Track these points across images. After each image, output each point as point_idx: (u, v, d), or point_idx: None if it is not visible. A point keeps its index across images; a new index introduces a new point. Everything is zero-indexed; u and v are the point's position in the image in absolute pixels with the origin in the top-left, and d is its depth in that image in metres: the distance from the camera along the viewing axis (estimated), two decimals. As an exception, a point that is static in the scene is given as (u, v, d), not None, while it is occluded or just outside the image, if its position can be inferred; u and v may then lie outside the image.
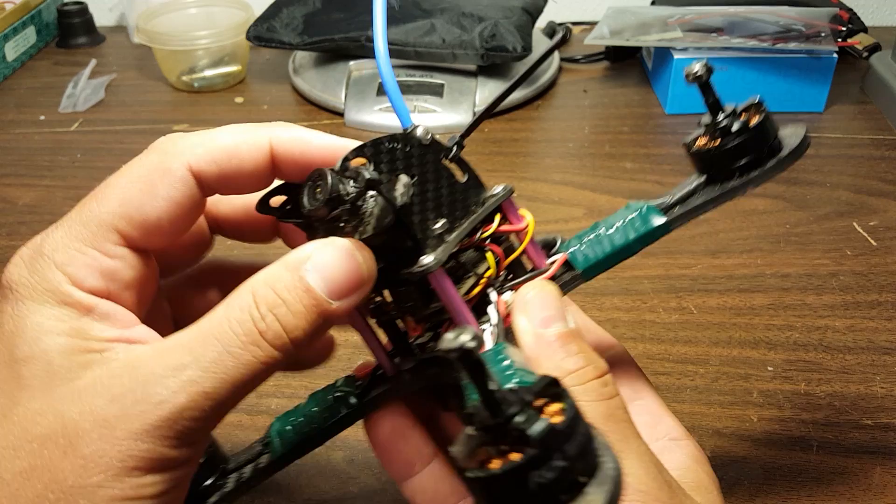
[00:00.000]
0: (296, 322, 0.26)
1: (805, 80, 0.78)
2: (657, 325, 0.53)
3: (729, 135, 0.32)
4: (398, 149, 0.28)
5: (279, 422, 0.33)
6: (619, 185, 0.69)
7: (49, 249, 0.27)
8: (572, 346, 0.28)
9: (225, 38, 0.86)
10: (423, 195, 0.28)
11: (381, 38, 0.28)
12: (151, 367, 0.25)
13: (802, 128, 0.33)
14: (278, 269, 0.26)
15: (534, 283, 0.30)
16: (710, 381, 0.49)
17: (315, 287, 0.26)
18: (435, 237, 0.28)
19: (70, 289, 0.26)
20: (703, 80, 0.32)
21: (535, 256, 0.32)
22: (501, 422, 0.19)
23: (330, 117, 0.81)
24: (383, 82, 0.29)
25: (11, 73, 0.93)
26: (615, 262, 0.32)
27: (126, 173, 0.28)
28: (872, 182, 0.68)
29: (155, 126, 0.81)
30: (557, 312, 0.29)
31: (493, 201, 0.30)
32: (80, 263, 0.26)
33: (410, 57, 0.80)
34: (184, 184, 0.28)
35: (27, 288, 0.26)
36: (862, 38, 0.85)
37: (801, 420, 0.46)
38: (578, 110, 0.82)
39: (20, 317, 0.26)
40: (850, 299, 0.55)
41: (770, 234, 0.62)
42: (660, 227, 0.32)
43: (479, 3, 0.85)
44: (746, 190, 0.32)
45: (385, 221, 0.26)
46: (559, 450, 0.19)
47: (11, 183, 0.72)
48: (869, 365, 0.50)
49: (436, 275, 0.28)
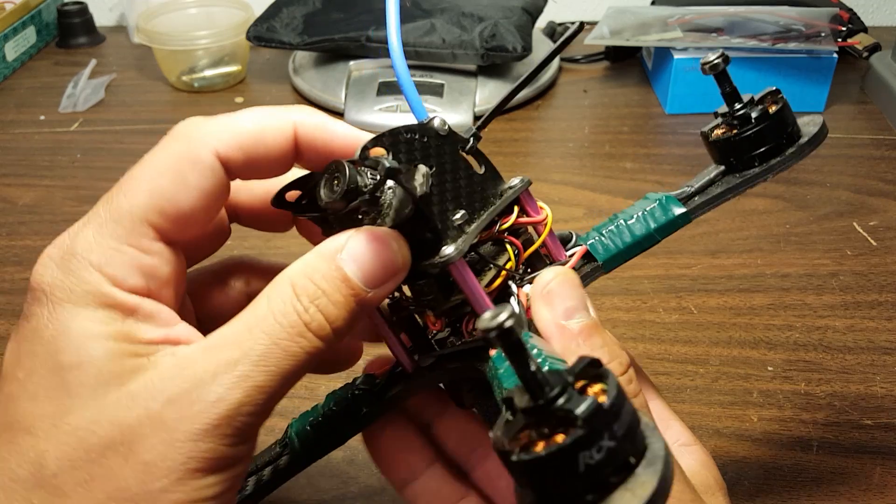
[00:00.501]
0: (337, 312, 0.26)
1: (805, 80, 0.78)
2: (657, 325, 0.53)
3: (748, 123, 0.32)
4: (416, 139, 0.27)
5: (297, 422, 0.33)
6: (619, 185, 0.69)
7: (82, 249, 0.26)
8: (596, 340, 0.27)
9: (225, 38, 0.86)
10: (442, 186, 0.28)
11: (395, 32, 0.28)
12: (203, 365, 0.24)
13: (819, 117, 0.33)
14: (315, 259, 0.26)
15: (554, 271, 0.29)
16: (710, 381, 0.49)
17: (352, 276, 0.26)
18: (455, 228, 0.28)
19: (112, 290, 0.25)
20: (719, 69, 0.32)
21: (553, 249, 0.31)
22: (544, 403, 0.19)
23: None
24: (398, 76, 0.28)
25: (11, 73, 0.93)
26: (636, 252, 0.32)
27: (152, 163, 0.27)
28: (872, 182, 0.68)
29: (155, 126, 0.80)
30: (580, 302, 0.28)
31: (512, 193, 0.30)
32: (119, 263, 0.26)
33: (410, 57, 0.80)
34: (213, 172, 0.27)
35: (64, 290, 0.25)
36: (862, 38, 0.85)
37: (801, 420, 0.46)
38: (578, 110, 0.82)
39: (60, 321, 0.25)
40: (850, 299, 0.55)
41: (770, 234, 0.62)
42: (680, 216, 0.32)
43: (479, 3, 0.85)
44: (766, 178, 0.32)
45: (405, 212, 0.26)
46: (607, 429, 0.18)
47: (11, 183, 0.72)
48: (869, 365, 0.50)
49: (457, 265, 0.27)
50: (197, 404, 0.24)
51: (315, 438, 0.32)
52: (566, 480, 0.18)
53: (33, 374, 0.25)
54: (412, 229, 0.27)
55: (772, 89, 0.32)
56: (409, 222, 0.26)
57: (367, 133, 0.29)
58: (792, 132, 0.32)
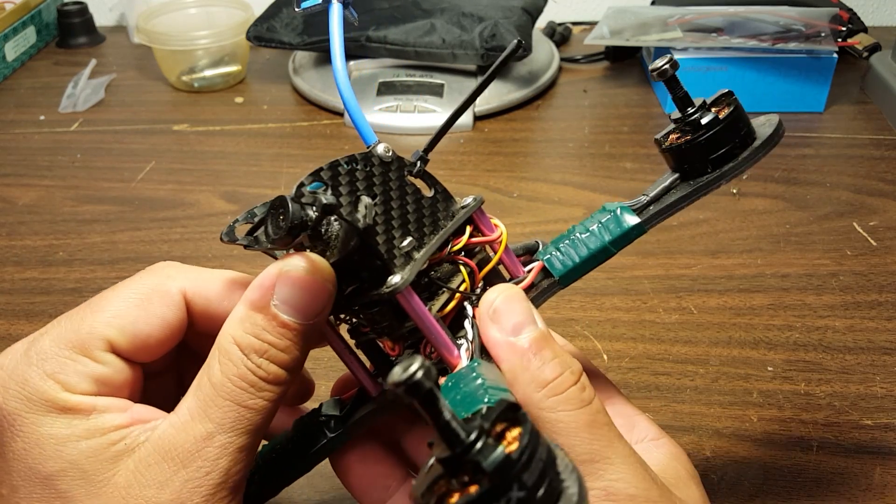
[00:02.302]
0: (286, 356, 0.27)
1: (805, 80, 0.78)
2: (657, 325, 0.53)
3: (700, 128, 0.31)
4: (357, 169, 0.27)
5: (265, 448, 0.33)
6: (619, 185, 0.69)
7: (36, 358, 0.27)
8: (546, 353, 0.28)
9: (225, 38, 0.86)
10: (388, 214, 0.28)
11: (339, 52, 0.28)
12: (181, 444, 0.26)
13: (776, 117, 0.32)
14: (250, 314, 0.27)
15: (497, 288, 0.29)
16: (710, 381, 0.49)
17: (290, 321, 0.27)
18: (403, 255, 0.28)
19: (65, 396, 0.27)
20: (668, 75, 0.31)
21: (511, 266, 0.31)
22: (458, 453, 0.18)
23: (330, 117, 0.81)
24: (342, 97, 0.28)
25: (11, 73, 0.93)
26: (592, 266, 0.31)
27: (123, 289, 0.29)
28: (872, 182, 0.68)
29: (155, 126, 0.81)
30: (527, 316, 0.28)
31: (463, 213, 0.30)
32: (72, 370, 0.27)
33: (410, 57, 0.80)
34: (178, 308, 0.30)
35: (22, 401, 0.27)
36: (862, 38, 0.85)
37: (801, 420, 0.46)
38: (578, 110, 0.82)
39: (26, 433, 0.26)
40: (850, 299, 0.55)
41: (770, 234, 0.62)
42: (633, 227, 0.31)
43: (479, 3, 0.85)
44: (721, 184, 0.31)
45: (351, 244, 0.26)
46: (516, 480, 0.18)
47: (11, 183, 0.72)
48: (869, 365, 0.50)
49: (404, 294, 0.27)
50: (190, 482, 0.25)
51: (277, 469, 0.32)
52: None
53: (18, 489, 0.26)
54: (360, 259, 0.27)
55: (724, 91, 0.32)
56: (357, 252, 0.27)
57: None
58: (745, 135, 0.31)
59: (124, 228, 0.65)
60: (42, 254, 0.62)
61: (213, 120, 0.81)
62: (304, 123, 0.81)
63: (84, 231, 0.64)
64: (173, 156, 0.75)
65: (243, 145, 0.77)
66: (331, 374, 0.50)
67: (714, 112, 0.31)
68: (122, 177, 0.72)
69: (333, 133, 0.79)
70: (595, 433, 0.26)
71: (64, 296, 0.58)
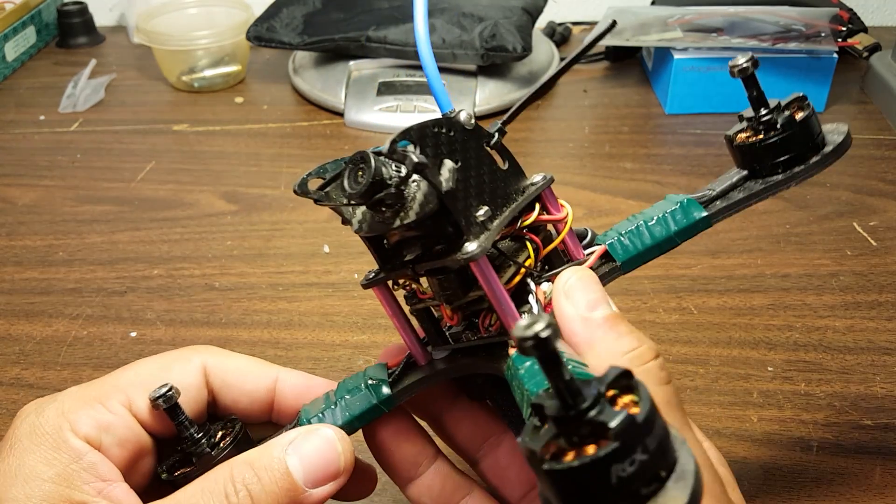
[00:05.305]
0: (266, 500, 0.27)
1: (805, 80, 0.78)
2: (657, 325, 0.53)
3: (773, 129, 0.31)
4: (443, 133, 0.27)
5: (310, 409, 0.32)
6: (619, 185, 0.69)
7: (63, 395, 0.30)
8: (622, 327, 0.27)
9: (225, 38, 0.86)
10: (467, 181, 0.27)
11: (423, 23, 0.28)
12: None
13: (844, 126, 0.32)
14: (260, 450, 0.28)
15: (573, 269, 0.29)
16: (710, 381, 0.49)
17: (293, 471, 0.27)
18: (478, 224, 0.27)
19: (67, 434, 0.28)
20: (748, 73, 0.31)
21: (572, 248, 0.31)
22: (575, 414, 0.19)
23: (330, 117, 0.81)
24: (424, 67, 0.28)
25: (11, 73, 0.93)
26: (655, 255, 0.31)
27: (154, 356, 0.32)
28: (872, 182, 0.68)
29: (155, 126, 0.81)
30: (601, 296, 0.28)
31: (534, 190, 0.30)
32: (82, 412, 0.29)
33: (410, 57, 0.80)
34: (196, 374, 0.32)
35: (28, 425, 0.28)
36: (862, 38, 0.85)
37: (801, 420, 0.46)
38: (578, 110, 0.82)
39: (15, 457, 0.28)
40: (850, 299, 0.55)
41: (770, 234, 0.62)
42: (701, 220, 0.31)
43: (479, 3, 0.85)
44: (789, 186, 0.31)
45: (428, 207, 0.26)
46: (640, 443, 0.18)
47: (11, 183, 0.72)
48: (869, 365, 0.50)
49: (480, 263, 0.27)
50: None
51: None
52: (597, 492, 0.18)
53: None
54: (434, 224, 0.27)
55: (798, 95, 0.32)
56: (432, 217, 0.26)
57: (320, 379, 0.33)
58: (817, 140, 0.31)
59: (124, 228, 0.65)
60: (42, 254, 0.62)
61: (213, 120, 0.81)
62: (304, 123, 0.80)
63: (84, 231, 0.64)
64: (173, 156, 0.75)
65: (243, 145, 0.77)
66: (331, 373, 0.50)
67: (788, 114, 0.31)
68: (122, 177, 0.72)
69: (333, 133, 0.79)
70: (672, 414, 0.26)
71: (64, 296, 0.58)
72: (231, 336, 0.54)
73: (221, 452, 0.31)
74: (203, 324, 0.55)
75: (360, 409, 0.31)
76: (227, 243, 0.63)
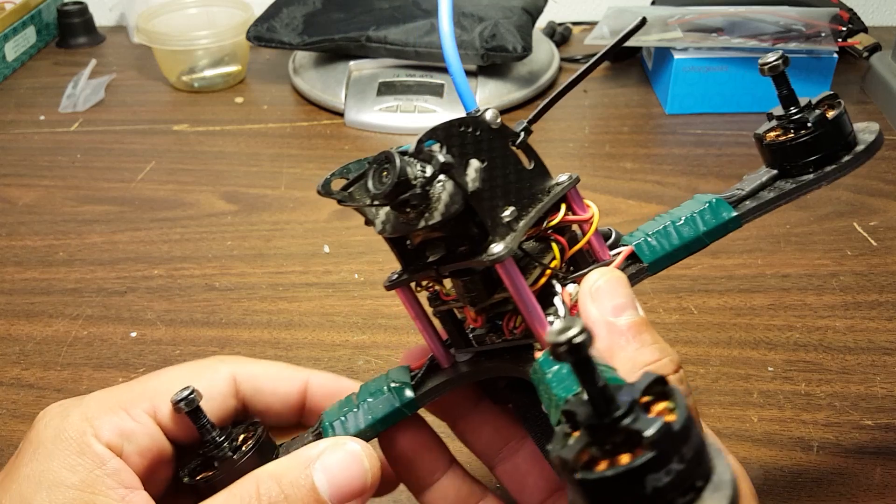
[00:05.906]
0: None
1: (805, 80, 0.78)
2: (657, 325, 0.53)
3: (804, 128, 0.31)
4: (469, 132, 0.26)
5: (332, 412, 0.32)
6: (619, 185, 0.69)
7: (88, 399, 0.30)
8: (646, 337, 0.27)
9: (225, 38, 0.86)
10: (492, 181, 0.27)
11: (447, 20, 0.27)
12: None
13: (876, 125, 0.32)
14: (287, 463, 0.28)
15: (602, 271, 0.28)
16: (711, 381, 0.49)
17: (320, 487, 0.27)
18: (503, 225, 0.27)
19: (91, 440, 0.28)
20: (778, 71, 0.30)
21: (598, 248, 0.31)
22: (610, 421, 0.18)
23: (330, 117, 0.81)
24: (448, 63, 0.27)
25: (11, 73, 0.93)
26: (683, 255, 0.31)
27: (182, 364, 0.33)
28: (872, 182, 0.68)
29: (155, 126, 0.81)
30: (628, 300, 0.28)
31: (560, 190, 0.29)
32: (105, 418, 0.29)
33: (410, 57, 0.80)
34: (225, 383, 0.32)
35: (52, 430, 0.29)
36: (862, 38, 0.85)
37: (801, 420, 0.46)
38: (578, 110, 0.82)
39: (38, 462, 0.28)
40: (851, 299, 0.55)
41: (770, 234, 0.62)
42: (731, 220, 0.30)
43: (479, 3, 0.85)
44: (821, 185, 0.31)
45: (453, 208, 0.25)
46: (676, 452, 0.18)
47: (11, 183, 0.72)
48: (869, 365, 0.50)
49: (506, 264, 0.26)
50: None
51: (349, 430, 0.31)
52: (632, 502, 0.18)
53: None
54: (459, 224, 0.26)
55: (829, 93, 0.31)
56: (458, 217, 0.26)
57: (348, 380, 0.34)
58: (849, 139, 0.31)
59: (124, 229, 0.65)
60: (42, 254, 0.62)
61: (213, 120, 0.81)
62: (304, 123, 0.80)
63: (84, 231, 0.64)
64: (173, 156, 0.75)
65: (243, 145, 0.77)
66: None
67: (819, 112, 0.31)
68: (122, 177, 0.72)
69: (333, 133, 0.79)
70: None
71: (64, 296, 0.58)
72: (231, 336, 0.54)
73: (244, 456, 0.30)
74: (203, 324, 0.55)
75: (382, 412, 0.31)
76: (228, 243, 0.63)
